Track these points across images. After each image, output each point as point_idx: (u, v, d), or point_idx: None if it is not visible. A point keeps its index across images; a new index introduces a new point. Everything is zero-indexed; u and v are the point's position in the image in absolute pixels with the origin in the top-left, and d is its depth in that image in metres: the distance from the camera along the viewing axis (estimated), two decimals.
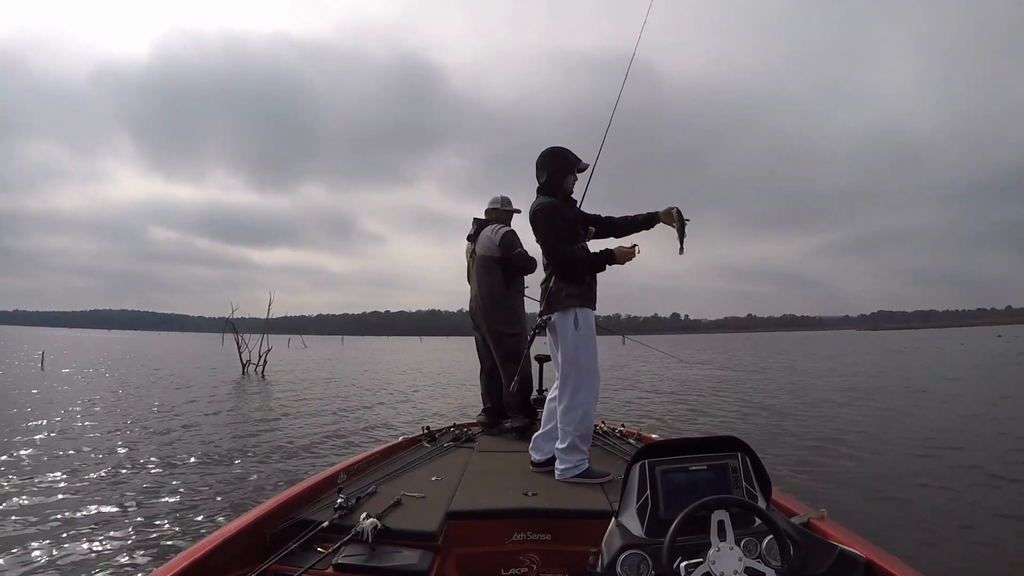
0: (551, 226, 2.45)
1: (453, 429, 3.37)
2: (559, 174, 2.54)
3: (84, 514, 3.59)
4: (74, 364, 19.39)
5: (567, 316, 2.42)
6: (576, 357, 2.41)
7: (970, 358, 20.34)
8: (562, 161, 2.56)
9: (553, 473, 2.39)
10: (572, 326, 2.41)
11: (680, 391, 11.50)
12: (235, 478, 4.60)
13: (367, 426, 7.43)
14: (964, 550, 3.06)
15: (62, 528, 3.32)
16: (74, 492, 4.10)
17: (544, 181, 2.55)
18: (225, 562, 1.49)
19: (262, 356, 16.46)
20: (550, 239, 2.45)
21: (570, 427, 2.37)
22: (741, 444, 1.49)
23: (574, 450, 2.35)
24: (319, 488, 2.06)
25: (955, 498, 3.95)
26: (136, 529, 3.33)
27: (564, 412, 2.41)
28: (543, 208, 2.48)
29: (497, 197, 3.57)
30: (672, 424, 7.48)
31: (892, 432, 6.53)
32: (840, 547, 1.32)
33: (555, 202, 2.50)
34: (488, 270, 3.35)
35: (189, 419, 7.78)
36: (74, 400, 9.57)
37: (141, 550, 3.00)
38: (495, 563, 1.83)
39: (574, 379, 2.41)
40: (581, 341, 2.42)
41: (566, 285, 2.44)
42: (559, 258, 2.44)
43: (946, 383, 12.00)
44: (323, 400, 10.36)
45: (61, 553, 2.94)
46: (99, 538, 3.17)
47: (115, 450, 5.63)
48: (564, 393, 2.43)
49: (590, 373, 2.43)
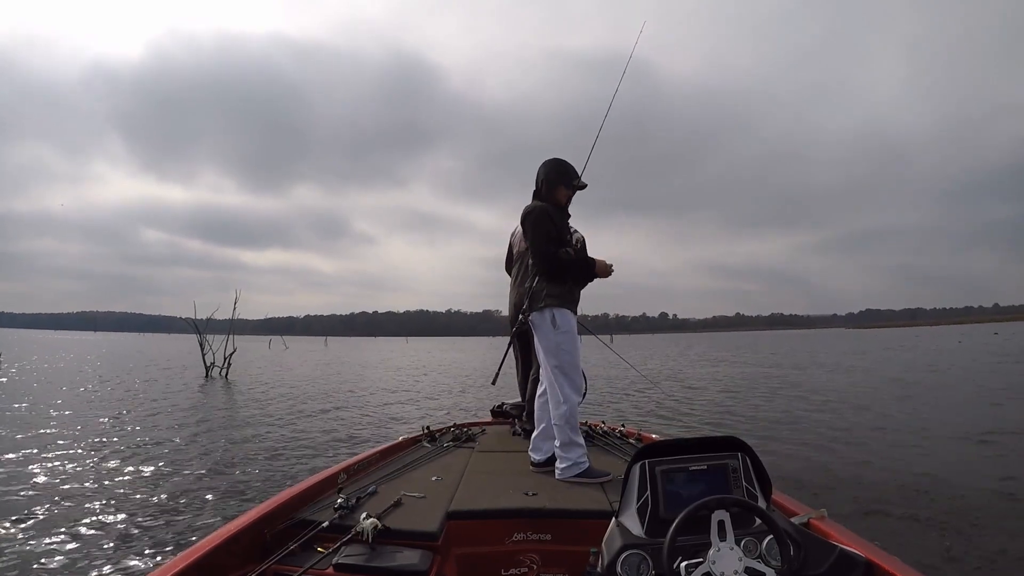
0: (540, 227, 2.52)
1: (453, 429, 3.37)
2: (552, 183, 2.63)
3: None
4: (22, 363, 19.29)
5: (544, 315, 2.49)
6: (557, 354, 2.48)
7: (975, 355, 20.38)
8: (558, 172, 2.65)
9: (553, 473, 2.39)
10: (551, 324, 2.48)
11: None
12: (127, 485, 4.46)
13: (305, 444, 6.33)
14: (964, 550, 3.06)
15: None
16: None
17: (537, 188, 2.66)
18: (225, 562, 1.49)
19: (227, 358, 16.14)
20: (540, 238, 2.52)
21: (561, 421, 2.42)
22: (741, 444, 1.49)
23: (571, 445, 2.38)
24: (319, 488, 2.06)
25: (957, 498, 3.94)
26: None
27: (552, 408, 2.49)
28: (535, 210, 2.57)
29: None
30: (672, 425, 7.49)
31: (894, 432, 6.54)
32: (840, 547, 1.32)
33: (547, 206, 2.58)
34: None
35: (130, 420, 7.70)
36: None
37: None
38: (495, 563, 1.83)
39: (557, 375, 2.47)
40: (561, 339, 2.48)
41: (547, 285, 2.51)
42: (546, 257, 2.50)
43: (957, 380, 12.00)
44: (283, 405, 9.83)
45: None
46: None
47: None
48: (547, 389, 2.53)
49: (572, 369, 2.49)
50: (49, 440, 6.25)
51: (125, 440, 6.36)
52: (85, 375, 15.85)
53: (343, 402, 10.51)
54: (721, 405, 9.29)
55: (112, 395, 10.97)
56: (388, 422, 8.02)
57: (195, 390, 12.50)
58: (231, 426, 7.54)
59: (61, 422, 7.55)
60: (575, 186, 2.66)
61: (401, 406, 10.03)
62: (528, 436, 3.15)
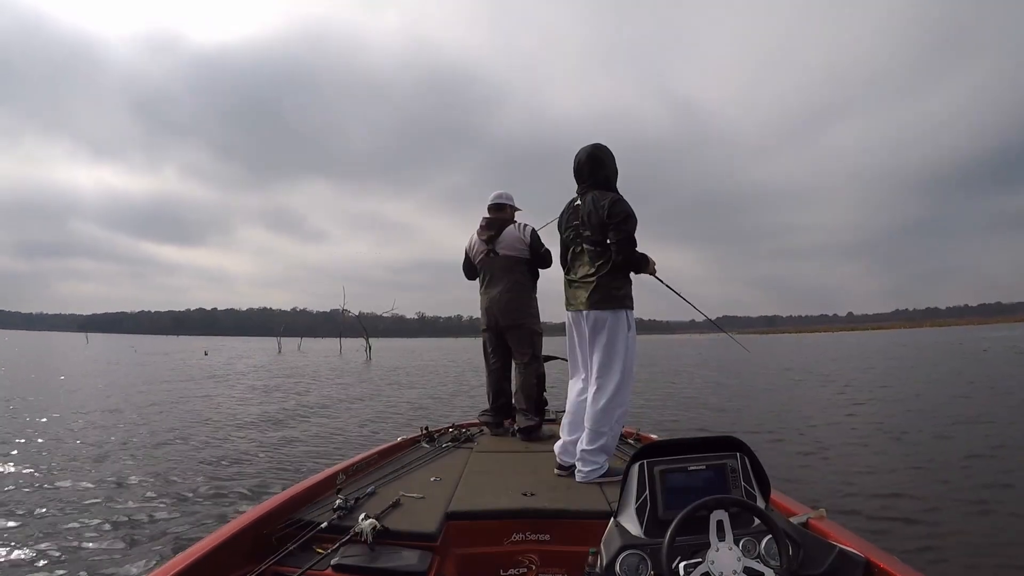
0: (630, 221, 2.40)
1: (452, 429, 3.37)
2: (617, 172, 2.55)
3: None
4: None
5: (619, 315, 2.40)
6: (626, 356, 2.39)
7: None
8: (615, 160, 2.56)
9: (559, 475, 2.39)
10: (625, 326, 2.40)
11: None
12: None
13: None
14: (964, 549, 3.06)
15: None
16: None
17: (609, 175, 2.52)
18: (224, 563, 1.49)
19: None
20: (633, 231, 2.40)
21: (605, 427, 2.33)
22: (740, 444, 1.49)
23: (602, 452, 2.32)
24: (318, 489, 2.06)
25: (956, 497, 3.95)
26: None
27: (602, 412, 2.35)
28: (623, 202, 2.43)
29: (507, 193, 3.50)
30: (671, 424, 7.49)
31: (891, 431, 6.55)
32: (839, 547, 1.32)
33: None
34: (512, 270, 3.36)
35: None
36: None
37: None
38: (494, 563, 1.82)
39: (619, 379, 2.38)
40: (631, 342, 2.42)
41: (623, 284, 2.43)
42: (632, 255, 2.40)
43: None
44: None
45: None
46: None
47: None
48: (604, 392, 2.37)
49: (632, 374, 2.43)
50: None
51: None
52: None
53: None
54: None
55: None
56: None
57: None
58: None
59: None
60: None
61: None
62: (528, 436, 3.16)
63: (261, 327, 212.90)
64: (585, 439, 2.34)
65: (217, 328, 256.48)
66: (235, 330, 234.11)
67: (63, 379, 15.10)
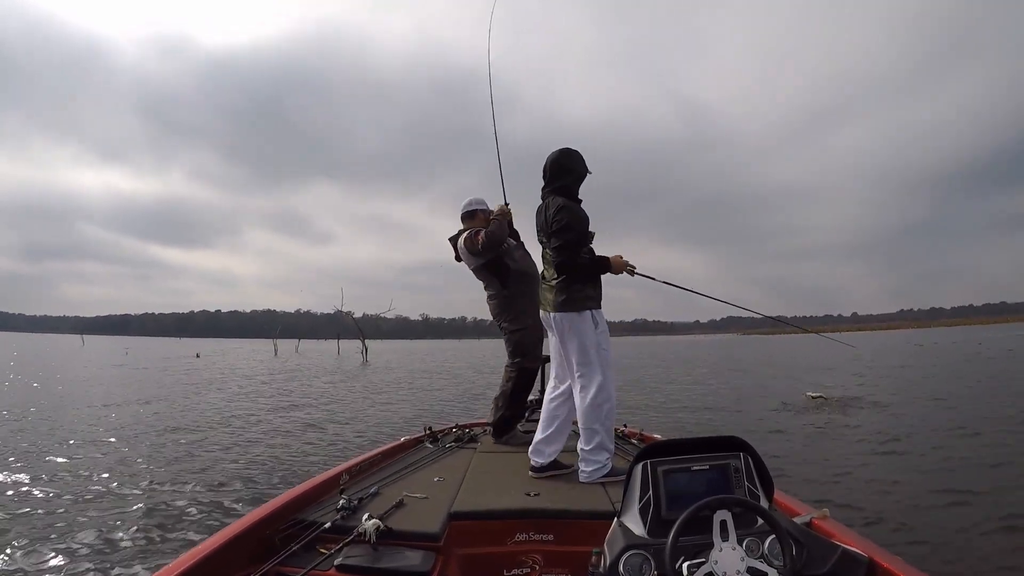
0: (574, 228, 2.43)
1: (455, 430, 3.37)
2: (581, 178, 2.56)
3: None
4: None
5: (584, 316, 2.43)
6: (600, 354, 2.42)
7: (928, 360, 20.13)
8: (583, 165, 2.56)
9: (552, 477, 2.39)
10: (591, 325, 2.43)
11: None
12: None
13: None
14: (966, 550, 3.05)
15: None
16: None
17: (569, 182, 2.52)
18: (227, 563, 1.49)
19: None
20: (572, 240, 2.43)
21: (596, 424, 2.35)
22: (743, 444, 1.49)
23: (601, 449, 2.33)
24: (321, 489, 2.07)
25: (958, 498, 3.93)
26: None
27: (589, 408, 2.37)
28: (570, 209, 2.45)
29: (476, 199, 3.40)
30: (673, 425, 7.48)
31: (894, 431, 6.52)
32: (842, 547, 1.32)
33: (578, 206, 2.51)
34: (481, 278, 3.33)
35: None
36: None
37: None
38: (497, 564, 1.83)
39: (599, 376, 2.39)
40: (602, 338, 2.45)
41: (583, 287, 2.45)
42: (572, 262, 2.43)
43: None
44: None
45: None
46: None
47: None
48: (588, 390, 2.39)
49: (610, 367, 2.45)
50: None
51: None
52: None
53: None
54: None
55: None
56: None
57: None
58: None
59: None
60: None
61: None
62: (495, 436, 3.14)
63: (265, 329, 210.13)
64: (582, 439, 2.37)
65: (221, 330, 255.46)
66: (239, 332, 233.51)
67: (47, 383, 14.67)
